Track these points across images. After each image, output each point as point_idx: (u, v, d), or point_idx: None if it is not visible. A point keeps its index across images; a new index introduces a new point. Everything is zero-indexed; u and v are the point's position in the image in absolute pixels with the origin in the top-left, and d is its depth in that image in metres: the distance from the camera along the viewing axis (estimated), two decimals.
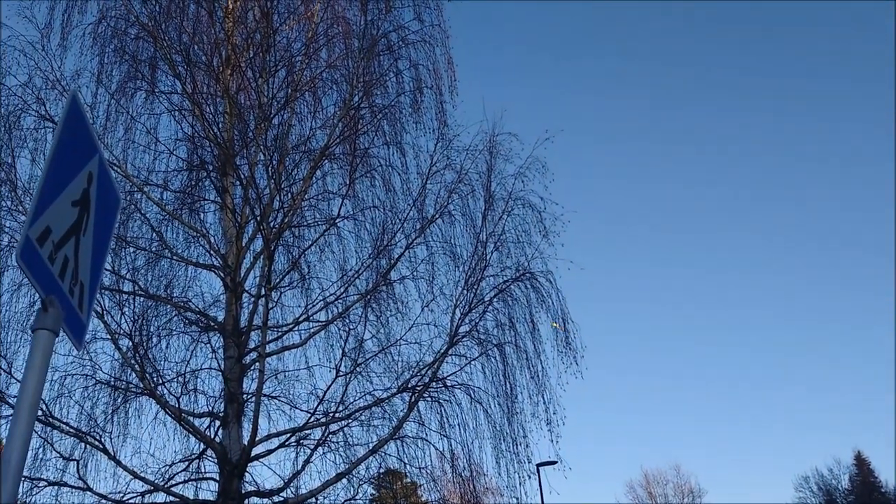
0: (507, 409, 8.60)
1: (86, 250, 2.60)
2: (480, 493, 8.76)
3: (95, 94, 9.47)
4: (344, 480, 8.20)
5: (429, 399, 8.65)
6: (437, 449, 8.66)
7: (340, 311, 8.70)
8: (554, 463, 8.81)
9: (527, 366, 8.71)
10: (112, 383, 8.52)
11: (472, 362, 8.72)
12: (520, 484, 8.44)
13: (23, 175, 8.62)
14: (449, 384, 8.63)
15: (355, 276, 8.90)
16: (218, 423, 8.15)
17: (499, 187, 9.13)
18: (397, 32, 9.64)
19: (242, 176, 8.61)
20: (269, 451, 8.09)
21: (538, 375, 8.67)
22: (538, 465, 13.52)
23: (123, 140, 9.42)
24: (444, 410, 8.65)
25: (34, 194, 2.26)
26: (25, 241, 2.19)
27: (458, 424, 8.57)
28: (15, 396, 7.88)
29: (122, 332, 8.19)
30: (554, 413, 8.49)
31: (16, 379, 7.98)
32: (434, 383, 8.52)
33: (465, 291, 8.71)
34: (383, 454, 8.54)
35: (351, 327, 8.50)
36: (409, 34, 9.69)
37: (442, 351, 8.53)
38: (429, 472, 8.52)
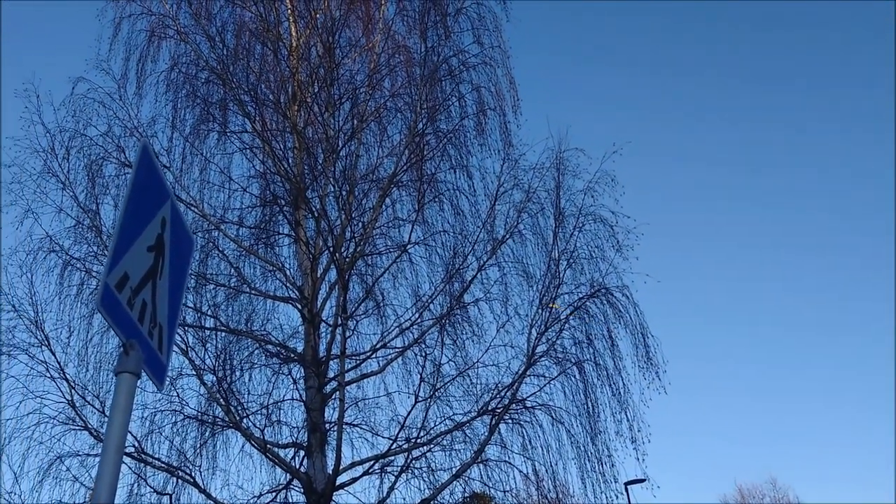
0: (590, 428, 8.46)
1: (163, 293, 2.68)
2: None
3: (171, 138, 9.85)
4: None
5: (509, 421, 8.58)
6: (520, 471, 8.58)
7: (416, 336, 8.74)
8: (642, 481, 8.62)
9: (607, 383, 8.57)
10: (199, 418, 8.74)
11: (552, 382, 8.62)
12: (608, 503, 8.28)
13: (107, 221, 9.00)
14: (529, 405, 8.54)
15: (429, 300, 8.94)
16: (302, 452, 8.25)
17: (568, 203, 9.06)
18: (458, 57, 9.71)
19: (314, 208, 8.77)
20: (354, 480, 8.14)
21: (620, 392, 8.51)
22: (626, 484, 13.27)
23: (199, 181, 9.75)
24: (526, 432, 8.57)
25: (111, 242, 2.34)
26: (105, 288, 2.27)
27: (541, 445, 8.47)
28: None
29: (206, 367, 8.42)
30: (638, 430, 8.31)
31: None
32: (514, 405, 8.45)
33: (540, 310, 8.64)
34: (467, 478, 8.50)
35: (427, 352, 8.53)
36: (470, 58, 9.76)
37: (520, 372, 8.46)
38: (514, 494, 8.44)
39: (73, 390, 8.18)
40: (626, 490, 13.65)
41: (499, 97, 9.82)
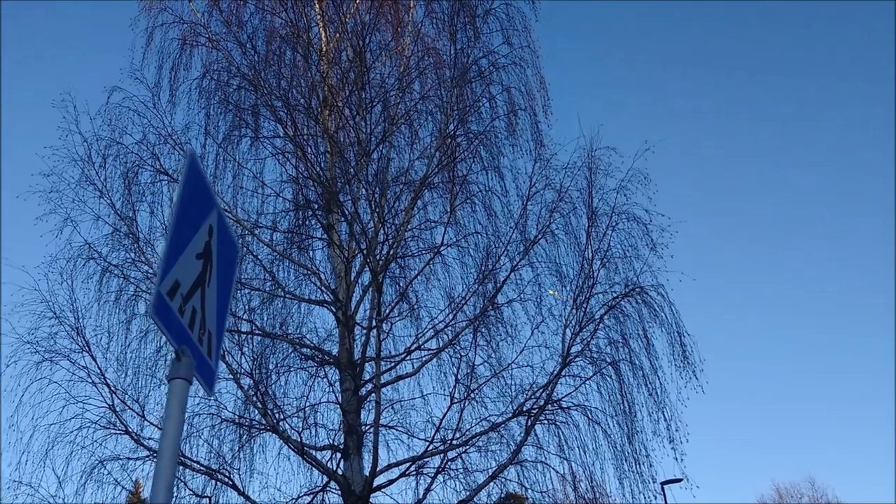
0: (627, 428, 8.41)
1: (211, 300, 2.72)
2: None
3: (204, 144, 9.98)
4: None
5: (545, 422, 8.55)
6: (557, 472, 8.55)
7: (450, 338, 8.75)
8: (679, 480, 8.55)
9: (644, 383, 8.51)
10: (237, 421, 8.83)
11: (587, 382, 8.59)
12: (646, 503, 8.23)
13: (143, 227, 9.13)
14: (565, 405, 8.51)
15: (463, 302, 8.94)
16: (339, 455, 8.30)
17: (601, 203, 9.01)
18: (487, 58, 9.71)
19: (347, 212, 8.82)
20: (391, 481, 8.17)
21: (656, 392, 8.45)
22: (662, 484, 13.17)
23: (232, 186, 9.86)
24: (562, 432, 8.54)
25: (163, 251, 2.38)
26: (158, 296, 2.31)
27: (578, 446, 8.44)
28: (149, 438, 8.31)
29: (242, 370, 8.50)
30: (676, 430, 8.25)
31: (149, 422, 8.40)
32: (549, 405, 8.42)
33: (574, 310, 8.60)
34: (503, 479, 8.49)
35: (462, 354, 8.53)
36: (500, 58, 9.74)
37: (555, 372, 8.44)
38: (551, 495, 8.42)
39: (113, 395, 8.31)
40: (663, 490, 13.52)
41: (529, 97, 9.81)
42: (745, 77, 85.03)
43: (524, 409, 8.37)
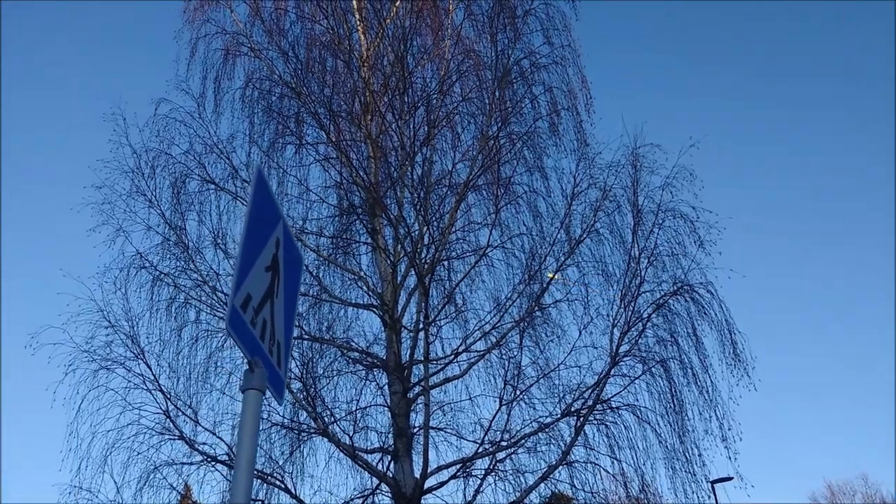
0: (678, 428, 8.33)
1: (279, 311, 2.77)
2: None
3: (249, 153, 10.10)
4: None
5: (594, 422, 8.51)
6: (607, 472, 8.51)
7: (497, 339, 8.75)
8: (729, 479, 8.44)
9: (694, 381, 8.42)
10: (288, 425, 8.93)
11: (636, 381, 8.53)
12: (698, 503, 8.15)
13: (192, 236, 9.29)
14: (614, 405, 8.47)
15: (509, 303, 8.94)
16: (389, 457, 8.35)
17: (646, 201, 8.93)
18: (528, 58, 9.69)
19: (391, 215, 8.87)
20: (441, 483, 8.20)
21: (707, 391, 8.36)
22: (712, 483, 13.00)
23: (278, 193, 9.95)
24: (612, 432, 8.50)
25: (235, 266, 2.44)
26: (232, 310, 2.36)
27: (628, 446, 8.39)
28: (203, 444, 8.45)
29: (292, 375, 8.60)
30: (729, 429, 8.16)
31: (202, 427, 8.53)
32: (598, 405, 8.39)
33: (621, 310, 8.55)
34: (553, 480, 8.48)
35: (509, 355, 8.53)
36: (541, 58, 9.72)
37: (603, 372, 8.39)
38: (602, 495, 8.38)
39: (167, 401, 8.46)
40: (713, 489, 13.37)
41: (571, 96, 9.76)
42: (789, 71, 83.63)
43: (573, 409, 8.35)
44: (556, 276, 8.87)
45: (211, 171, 9.56)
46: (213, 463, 8.39)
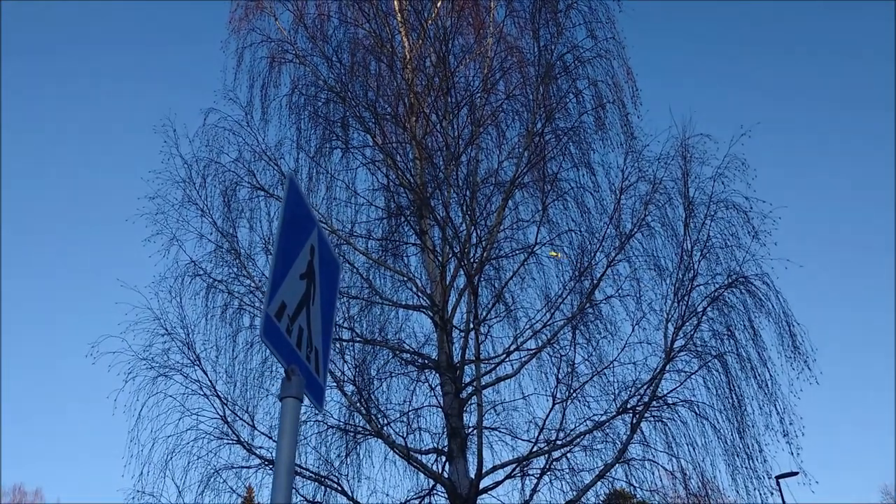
0: (737, 423, 8.14)
1: (316, 318, 2.78)
2: None
3: (297, 158, 10.21)
4: None
5: (651, 419, 8.38)
6: (665, 469, 8.37)
7: (549, 337, 8.67)
8: (795, 474, 8.21)
9: (752, 375, 8.22)
10: (342, 427, 8.99)
11: (692, 377, 8.36)
12: (762, 500, 7.95)
13: (243, 243, 9.42)
14: (670, 402, 8.32)
15: (560, 300, 8.85)
16: (444, 458, 8.35)
17: (697, 192, 8.75)
18: (572, 53, 9.58)
19: (438, 216, 8.86)
20: (497, 483, 8.16)
21: (766, 385, 8.15)
22: (777, 478, 12.67)
23: (326, 198, 10.05)
24: (669, 429, 8.35)
25: (269, 274, 2.45)
26: (266, 318, 2.37)
27: (686, 442, 8.23)
28: (260, 447, 8.56)
29: (345, 378, 8.66)
30: (790, 423, 7.93)
31: (259, 431, 8.66)
32: (654, 402, 8.25)
33: (675, 304, 8.38)
34: (610, 478, 8.37)
35: (562, 353, 8.45)
36: (584, 52, 9.59)
37: (658, 368, 8.25)
38: (661, 493, 8.24)
39: (224, 406, 8.59)
40: (779, 485, 12.99)
41: (617, 89, 9.62)
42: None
43: (628, 406, 8.23)
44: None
45: (260, 179, 9.69)
46: (270, 466, 8.50)
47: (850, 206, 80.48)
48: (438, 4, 10.48)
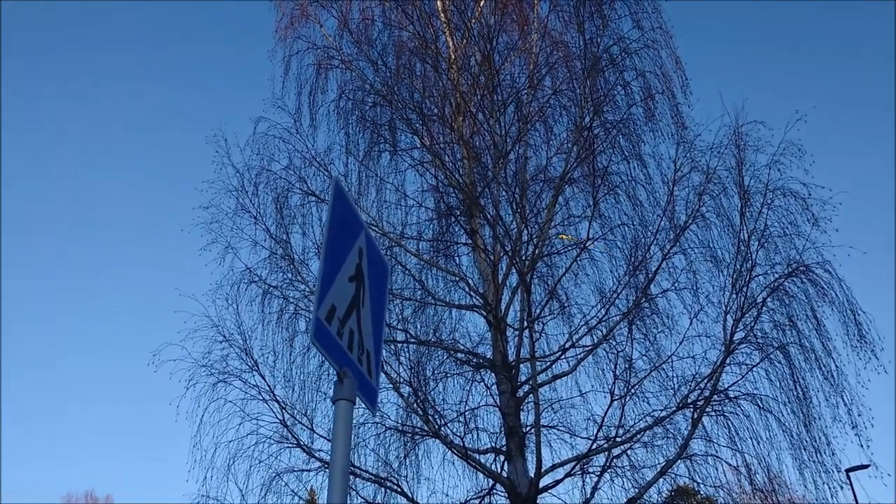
0: (803, 416, 7.94)
1: (366, 320, 2.78)
2: None
3: (346, 163, 10.29)
4: None
5: (712, 413, 8.22)
6: (729, 464, 8.21)
7: (605, 333, 8.57)
8: (866, 467, 7.97)
9: (817, 366, 7.99)
10: (400, 428, 9.03)
11: (754, 369, 8.18)
12: (831, 495, 7.73)
13: (297, 248, 9.53)
14: (732, 395, 8.15)
15: (614, 296, 8.74)
16: (502, 457, 8.32)
17: (753, 180, 8.55)
18: (618, 45, 9.45)
19: (489, 215, 8.84)
20: (557, 482, 8.10)
21: (832, 375, 7.92)
22: (847, 471, 12.34)
23: (376, 201, 10.11)
24: (732, 423, 8.18)
25: (317, 278, 2.46)
26: (316, 322, 2.38)
27: (750, 437, 8.06)
28: (320, 450, 8.65)
29: (401, 379, 8.69)
30: (858, 415, 7.70)
31: (318, 434, 8.74)
32: (716, 396, 8.09)
33: (734, 295, 8.21)
34: (673, 475, 8.24)
35: (618, 349, 8.34)
36: (631, 43, 9.45)
37: (718, 361, 8.09)
38: (727, 489, 8.08)
39: (283, 410, 8.70)
40: (849, 478, 12.62)
41: (666, 80, 9.47)
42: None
43: (689, 401, 8.09)
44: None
45: (311, 184, 9.79)
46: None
47: None
48: (481, 3, 10.45)
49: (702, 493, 8.73)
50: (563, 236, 8.72)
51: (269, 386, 8.74)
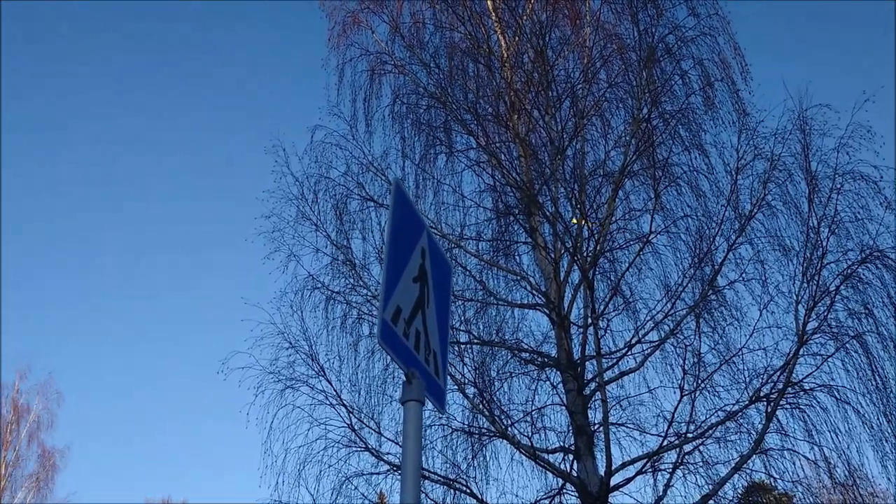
0: (883, 407, 7.66)
1: (432, 320, 2.78)
2: (867, 499, 7.90)
3: (403, 167, 10.34)
4: (710, 502, 7.84)
5: (787, 406, 8.00)
6: (807, 458, 7.97)
7: (672, 328, 8.42)
8: None
9: None
10: (467, 430, 9.01)
11: (829, 360, 7.93)
12: None
13: (357, 254, 9.60)
14: (807, 387, 7.92)
15: (680, 289, 8.57)
16: (571, 456, 8.24)
17: (820, 165, 8.28)
18: (674, 34, 9.27)
19: (548, 212, 8.77)
20: (628, 480, 7.98)
21: None
22: None
23: (434, 203, 10.12)
24: (808, 416, 7.95)
25: (381, 280, 2.46)
26: (383, 324, 2.38)
27: (828, 430, 7.82)
28: (388, 453, 8.69)
29: (466, 380, 8.68)
30: None
31: (386, 437, 8.79)
32: (789, 388, 7.87)
33: (805, 284, 7.97)
34: (748, 470, 8.05)
35: (686, 343, 8.18)
36: (687, 32, 9.26)
37: (791, 353, 7.87)
38: (805, 484, 7.85)
39: (350, 414, 8.78)
40: None
41: (724, 66, 9.25)
42: None
43: (761, 394, 7.89)
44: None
45: (369, 189, 9.86)
46: (399, 471, 8.59)
47: None
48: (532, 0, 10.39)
49: (779, 488, 8.51)
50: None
51: (335, 390, 8.83)
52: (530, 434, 8.27)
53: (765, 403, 7.87)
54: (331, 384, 8.85)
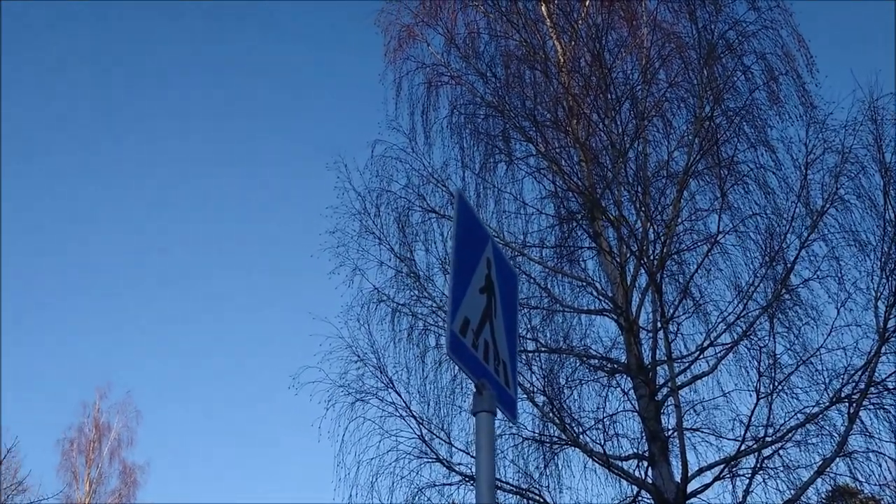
0: None
1: (500, 330, 2.78)
2: None
3: (463, 177, 10.34)
4: None
5: (870, 407, 7.74)
6: (894, 460, 7.68)
7: (744, 329, 8.21)
8: None
9: None
10: (538, 438, 8.94)
11: None
12: None
13: (421, 265, 9.64)
14: (891, 386, 7.64)
15: (752, 289, 8.37)
16: (645, 463, 8.11)
17: (894, 156, 8.02)
18: (734, 29, 9.09)
19: (611, 216, 8.67)
20: (706, 486, 7.81)
21: None
22: None
23: (496, 212, 10.09)
24: (893, 417, 7.67)
25: (449, 292, 2.47)
26: (451, 335, 2.39)
27: None
28: (459, 464, 8.68)
29: (535, 388, 8.62)
30: None
31: (457, 448, 8.78)
32: (872, 388, 7.61)
33: (884, 280, 7.70)
34: (831, 474, 7.79)
35: (761, 344, 7.97)
36: (748, 26, 9.06)
37: (873, 351, 7.60)
38: (893, 487, 7.56)
39: (420, 426, 8.79)
40: None
41: (788, 59, 9.03)
42: None
43: (842, 395, 7.65)
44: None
45: (430, 201, 9.88)
46: (471, 482, 8.59)
47: None
48: (587, 3, 10.32)
49: (865, 492, 8.22)
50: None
51: (405, 402, 8.86)
52: (603, 441, 8.15)
53: (846, 404, 7.63)
54: (400, 396, 8.89)
